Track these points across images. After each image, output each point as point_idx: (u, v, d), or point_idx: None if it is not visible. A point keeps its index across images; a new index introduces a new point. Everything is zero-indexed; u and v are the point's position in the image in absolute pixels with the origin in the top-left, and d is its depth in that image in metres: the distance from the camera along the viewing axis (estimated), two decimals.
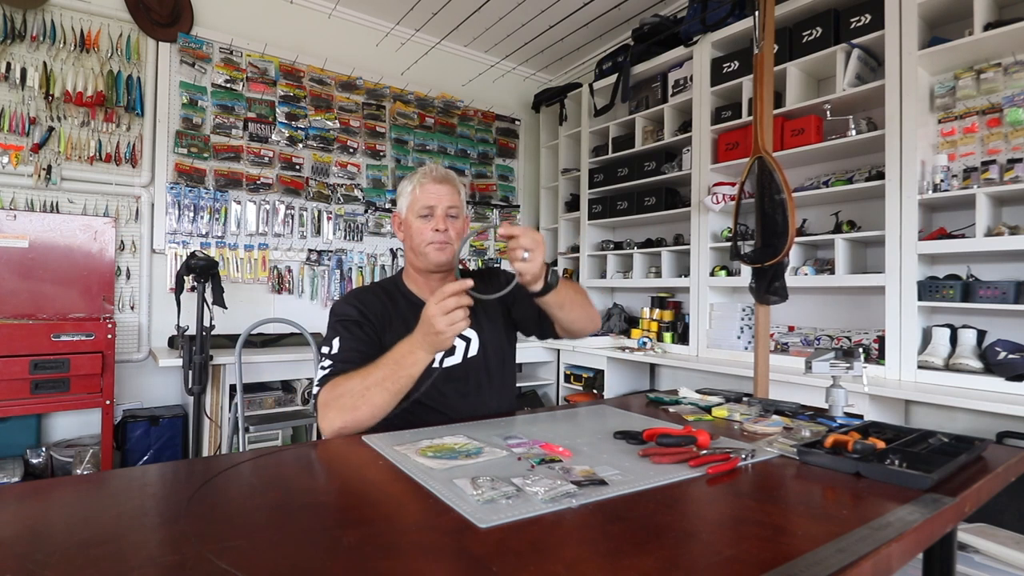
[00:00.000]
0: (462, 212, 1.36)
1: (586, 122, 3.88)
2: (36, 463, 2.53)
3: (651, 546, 0.61)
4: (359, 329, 1.27)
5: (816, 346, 2.63)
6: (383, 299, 1.35)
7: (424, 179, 1.33)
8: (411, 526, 0.66)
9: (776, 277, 1.91)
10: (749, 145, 2.38)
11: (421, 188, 1.32)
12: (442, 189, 1.32)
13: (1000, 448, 1.03)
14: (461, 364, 1.34)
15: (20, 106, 2.69)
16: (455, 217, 1.34)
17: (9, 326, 2.31)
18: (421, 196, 1.32)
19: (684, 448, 0.94)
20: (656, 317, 3.38)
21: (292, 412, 2.81)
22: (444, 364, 1.32)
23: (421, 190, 1.32)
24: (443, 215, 1.31)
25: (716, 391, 1.50)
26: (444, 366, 1.31)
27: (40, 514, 0.69)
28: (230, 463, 0.97)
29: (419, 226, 1.31)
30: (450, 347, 1.32)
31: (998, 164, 2.05)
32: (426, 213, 1.31)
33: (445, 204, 1.31)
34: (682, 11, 3.36)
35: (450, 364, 1.32)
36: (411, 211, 1.33)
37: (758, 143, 1.93)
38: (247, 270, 3.28)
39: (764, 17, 1.90)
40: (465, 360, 1.35)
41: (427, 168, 1.35)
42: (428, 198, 1.31)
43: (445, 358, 1.32)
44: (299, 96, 3.44)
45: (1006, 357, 1.99)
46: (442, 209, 1.31)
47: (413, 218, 1.32)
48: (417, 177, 1.34)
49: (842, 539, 0.62)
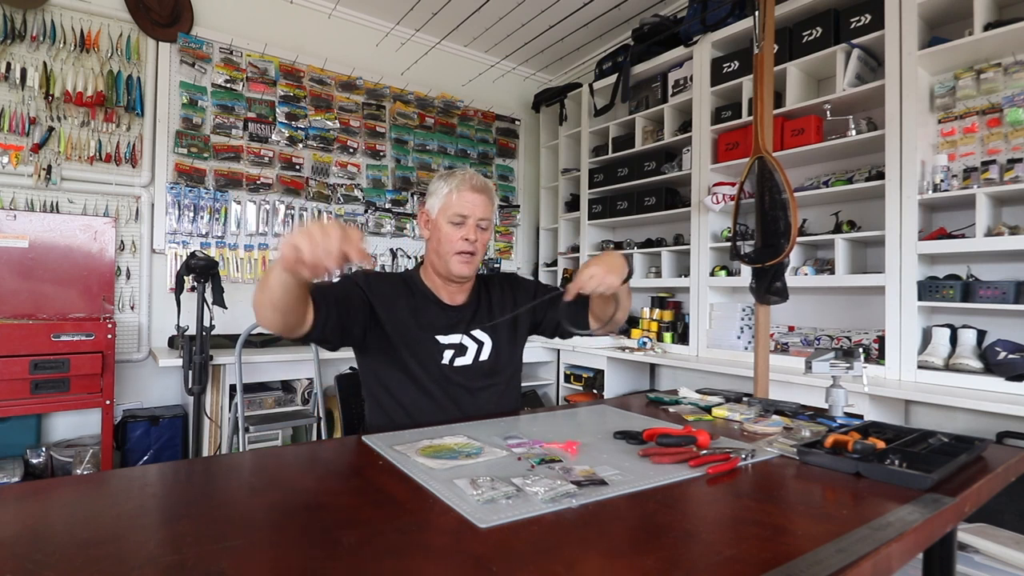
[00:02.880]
0: (492, 224, 1.36)
1: (586, 122, 3.88)
2: (36, 463, 2.53)
3: (651, 546, 0.61)
4: (352, 285, 1.27)
5: (816, 346, 2.63)
6: (395, 283, 1.36)
7: (462, 185, 1.30)
8: (411, 526, 0.66)
9: (776, 277, 1.91)
10: (749, 145, 2.38)
11: (458, 194, 1.30)
12: (478, 199, 1.30)
13: (1000, 448, 1.03)
14: (471, 366, 1.34)
15: (20, 106, 2.69)
16: (484, 229, 1.33)
17: (9, 326, 2.31)
18: (456, 202, 1.29)
19: (684, 448, 0.94)
20: (656, 317, 3.38)
21: (292, 412, 2.81)
22: (454, 363, 1.32)
23: (457, 196, 1.30)
24: (474, 226, 1.30)
25: (716, 391, 1.50)
26: (454, 365, 1.32)
27: (40, 514, 0.69)
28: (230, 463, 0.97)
29: (448, 232, 1.30)
30: (462, 348, 1.34)
31: (998, 164, 2.04)
32: (458, 221, 1.30)
33: (478, 215, 1.30)
34: (682, 11, 3.36)
35: (460, 364, 1.32)
36: (442, 214, 1.31)
37: (758, 143, 1.93)
38: (247, 270, 3.28)
39: (764, 17, 1.90)
40: (475, 363, 1.35)
41: (467, 174, 1.33)
42: (463, 206, 1.29)
43: (455, 358, 1.32)
44: (299, 96, 3.44)
45: (1006, 357, 1.99)
46: (474, 220, 1.30)
47: (443, 222, 1.31)
48: (455, 181, 1.31)
49: (842, 539, 0.62)
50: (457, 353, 1.33)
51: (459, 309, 1.38)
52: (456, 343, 1.34)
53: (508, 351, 1.41)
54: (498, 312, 1.41)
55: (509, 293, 1.47)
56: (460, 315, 1.38)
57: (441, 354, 1.31)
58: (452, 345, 1.33)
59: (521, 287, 1.50)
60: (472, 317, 1.39)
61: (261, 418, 2.59)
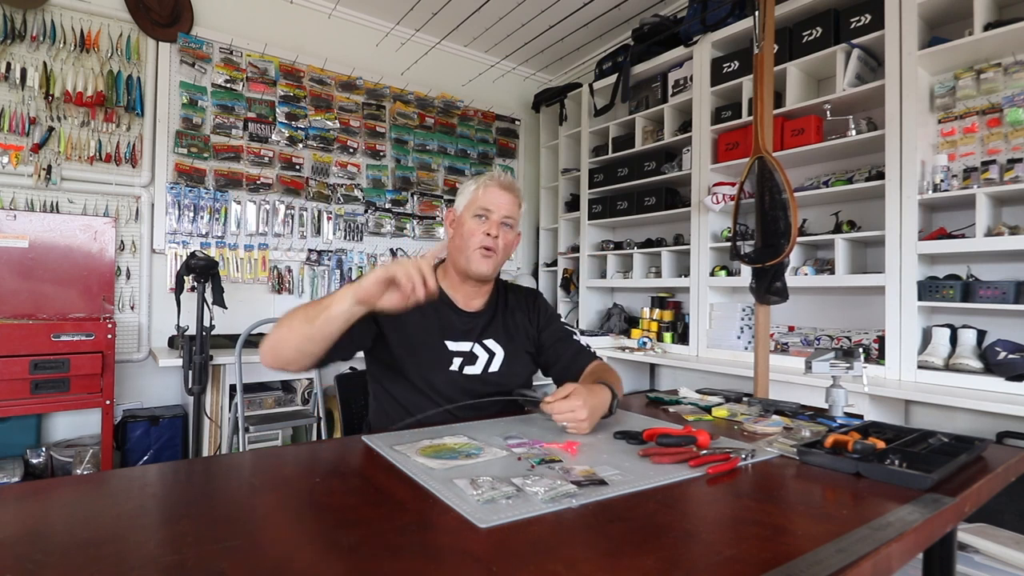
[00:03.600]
0: (517, 225, 1.36)
1: (586, 122, 3.88)
2: (36, 463, 2.53)
3: (651, 546, 0.61)
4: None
5: (816, 346, 2.63)
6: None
7: (490, 182, 1.32)
8: (411, 526, 0.66)
9: (776, 277, 1.90)
10: (749, 145, 2.38)
11: (485, 189, 1.31)
12: (504, 197, 1.31)
13: (1000, 448, 1.03)
14: (481, 376, 1.32)
15: (20, 106, 2.69)
16: (509, 227, 1.32)
17: (9, 326, 2.31)
18: (482, 197, 1.30)
19: (684, 448, 0.94)
20: (656, 317, 3.38)
21: (292, 412, 2.81)
22: (464, 372, 1.30)
23: (484, 191, 1.31)
24: (498, 221, 1.30)
25: (716, 391, 1.50)
26: (464, 373, 1.30)
27: (40, 514, 0.69)
28: (230, 463, 0.97)
29: (472, 226, 1.29)
30: (472, 357, 1.31)
31: (998, 164, 2.04)
32: (482, 214, 1.30)
33: (503, 212, 1.30)
34: (682, 11, 3.36)
35: (470, 373, 1.31)
36: (468, 210, 1.31)
37: (758, 143, 1.93)
38: (247, 270, 3.28)
39: (764, 17, 1.90)
40: (484, 373, 1.33)
41: (496, 172, 1.35)
42: (488, 201, 1.30)
43: (465, 366, 1.30)
44: (299, 96, 3.44)
45: (1006, 357, 1.99)
46: (499, 215, 1.30)
47: (468, 217, 1.31)
48: (483, 179, 1.33)
49: (842, 539, 0.62)
50: (467, 361, 1.30)
51: (474, 316, 1.36)
52: (466, 351, 1.31)
53: (517, 368, 1.38)
54: (511, 326, 1.40)
55: (527, 310, 1.44)
56: (474, 322, 1.35)
57: (450, 361, 1.29)
58: (462, 353, 1.31)
59: (541, 311, 1.46)
60: (487, 325, 1.37)
61: (261, 418, 2.59)
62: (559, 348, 1.42)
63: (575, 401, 1.05)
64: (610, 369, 1.36)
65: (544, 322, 1.44)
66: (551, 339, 1.42)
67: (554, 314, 1.48)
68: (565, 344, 1.42)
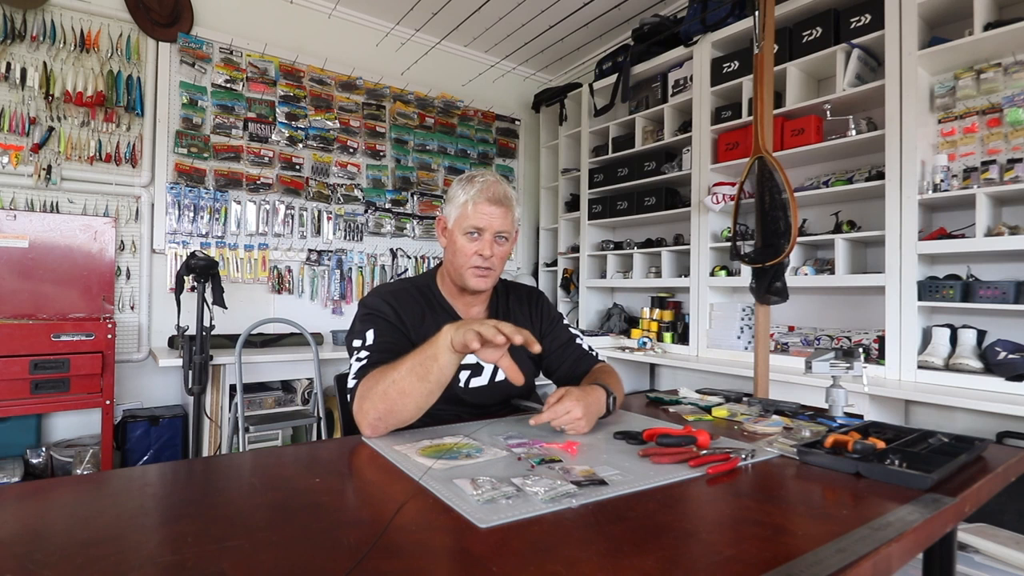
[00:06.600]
0: (512, 234, 1.28)
1: (586, 122, 3.88)
2: (36, 463, 2.53)
3: (651, 546, 0.61)
4: (391, 327, 1.21)
5: (816, 346, 2.63)
6: (418, 299, 1.29)
7: (479, 197, 1.22)
8: (411, 526, 0.66)
9: (776, 277, 1.90)
10: (749, 145, 2.38)
11: (474, 206, 1.22)
12: (495, 211, 1.22)
13: (1000, 448, 1.03)
14: (487, 387, 1.30)
15: (20, 106, 2.69)
16: (505, 240, 1.26)
17: (9, 326, 2.31)
18: (472, 214, 1.22)
19: (684, 448, 0.94)
20: (656, 317, 3.38)
21: (292, 412, 2.81)
22: (470, 384, 1.28)
23: (473, 208, 1.22)
24: (491, 240, 1.23)
25: (716, 391, 1.50)
26: (470, 387, 1.28)
27: (40, 514, 0.69)
28: (230, 463, 0.97)
29: (463, 245, 1.23)
30: (478, 368, 1.29)
31: (998, 164, 2.04)
32: (473, 231, 1.23)
33: (495, 228, 1.23)
34: (682, 11, 3.36)
35: (476, 385, 1.29)
36: (458, 225, 1.24)
37: (758, 143, 1.93)
38: (247, 270, 3.28)
39: (764, 17, 1.90)
40: (492, 383, 1.31)
41: (486, 182, 1.24)
42: (479, 219, 1.22)
43: (471, 378, 1.28)
44: (299, 96, 3.44)
45: (1006, 357, 1.99)
46: (491, 233, 1.23)
47: (459, 233, 1.24)
48: (473, 192, 1.23)
49: (842, 539, 0.62)
50: (473, 373, 1.28)
51: None
52: (472, 363, 1.26)
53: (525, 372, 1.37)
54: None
55: (529, 313, 1.41)
56: None
57: (456, 375, 1.21)
58: (467, 365, 1.26)
59: (544, 312, 1.43)
60: None
61: (261, 418, 2.59)
62: (563, 353, 1.40)
63: (568, 402, 1.05)
64: (612, 371, 1.35)
65: (547, 326, 1.42)
66: (555, 344, 1.41)
67: (557, 316, 1.46)
68: (568, 348, 1.41)
